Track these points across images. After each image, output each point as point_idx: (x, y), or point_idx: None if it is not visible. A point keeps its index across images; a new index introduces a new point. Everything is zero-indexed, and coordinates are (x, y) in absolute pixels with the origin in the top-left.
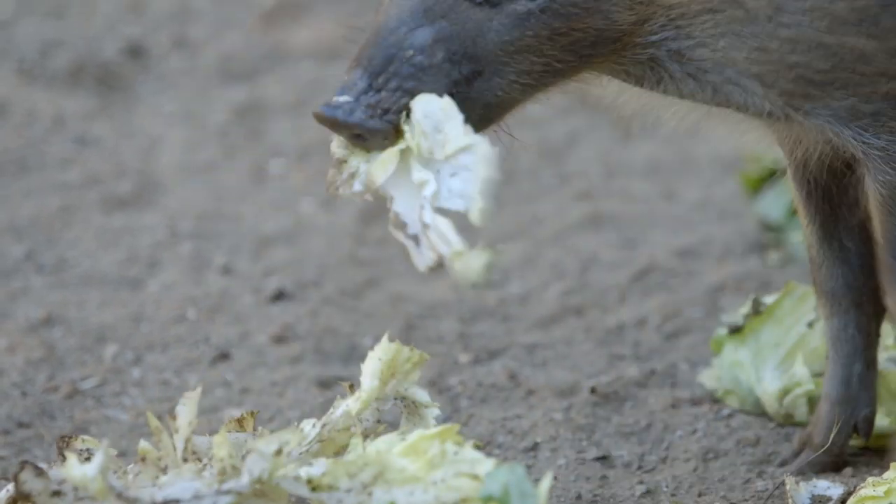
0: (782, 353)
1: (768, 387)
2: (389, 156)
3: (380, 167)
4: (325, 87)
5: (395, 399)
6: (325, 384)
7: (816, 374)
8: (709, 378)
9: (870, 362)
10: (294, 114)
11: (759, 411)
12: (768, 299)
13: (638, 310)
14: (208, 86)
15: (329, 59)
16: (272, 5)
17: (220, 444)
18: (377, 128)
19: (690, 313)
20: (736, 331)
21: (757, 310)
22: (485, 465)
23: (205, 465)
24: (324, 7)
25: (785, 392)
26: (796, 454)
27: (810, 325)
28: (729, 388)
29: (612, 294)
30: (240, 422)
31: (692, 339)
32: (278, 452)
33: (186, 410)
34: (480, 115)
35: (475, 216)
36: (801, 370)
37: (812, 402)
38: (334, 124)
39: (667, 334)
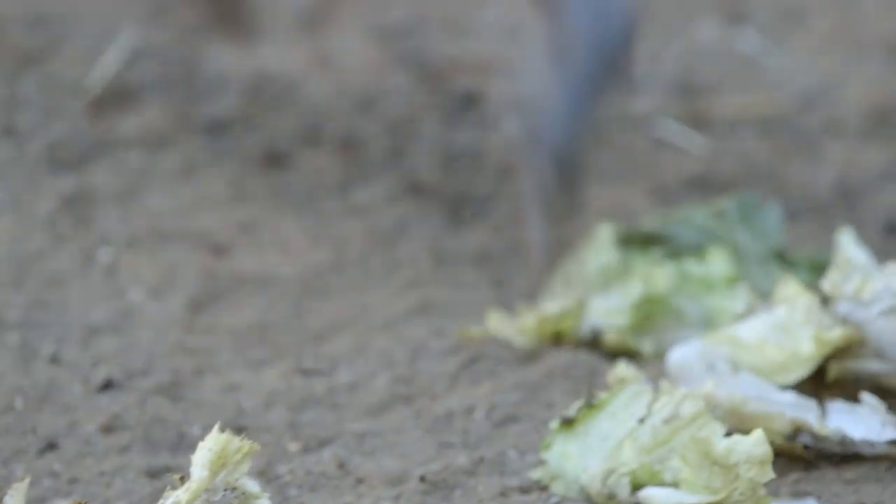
0: (610, 446)
1: (593, 469)
2: None
3: None
4: (153, 176)
5: (226, 489)
6: (154, 474)
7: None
8: (537, 472)
9: None
10: (123, 202)
11: (585, 498)
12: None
13: (467, 398)
14: (36, 174)
15: (158, 148)
16: (100, 93)
17: None
18: None
19: (519, 401)
20: (567, 423)
21: (590, 402)
22: None
23: None
24: (152, 96)
25: (609, 472)
26: None
27: (641, 420)
28: (555, 474)
29: (442, 382)
30: None
31: (521, 427)
32: None
33: (14, 501)
34: None
35: None
36: (626, 453)
37: (635, 482)
38: None
39: (496, 422)
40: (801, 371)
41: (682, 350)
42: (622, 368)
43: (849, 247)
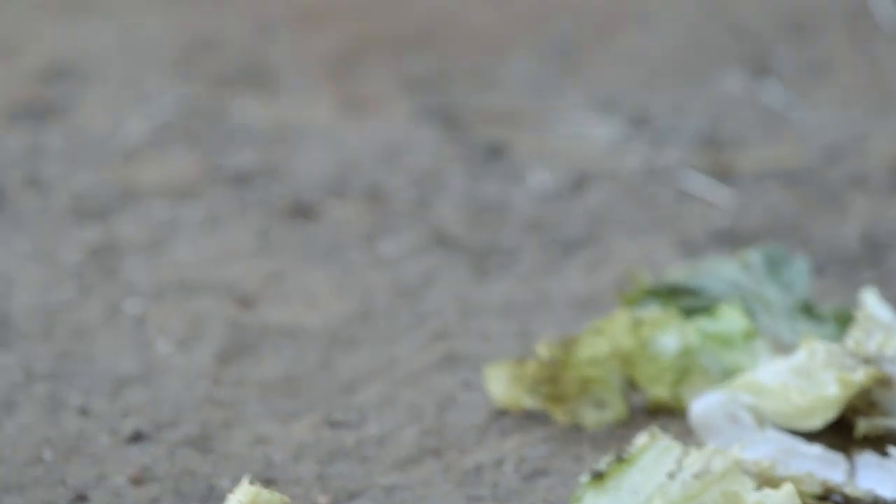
0: (640, 501)
1: None
2: None
3: None
4: (178, 227)
5: None
6: None
7: None
8: None
9: None
10: (148, 253)
11: None
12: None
13: (496, 451)
14: (62, 225)
15: (182, 198)
16: (126, 144)
17: None
18: None
19: (548, 454)
20: (598, 477)
21: (620, 457)
22: None
23: None
24: (176, 146)
25: None
26: None
27: (671, 475)
28: None
29: (470, 435)
30: None
31: (550, 480)
32: None
33: None
34: None
35: None
36: None
37: None
38: None
39: (525, 476)
40: (828, 414)
41: (705, 401)
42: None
43: (872, 304)
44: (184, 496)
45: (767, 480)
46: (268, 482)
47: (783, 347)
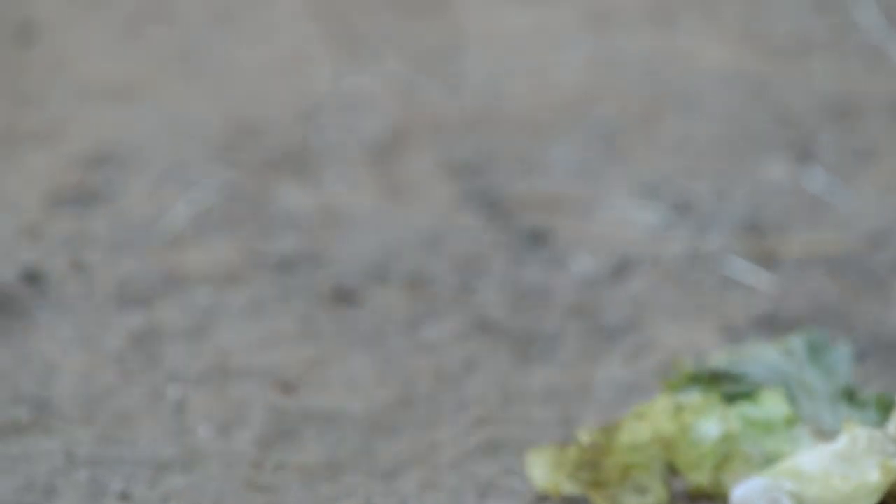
0: None
1: None
2: None
3: None
4: (221, 313)
5: None
6: None
7: None
8: None
9: None
10: (191, 339)
11: None
12: None
13: None
14: (105, 310)
15: (226, 284)
16: (170, 230)
17: None
18: None
19: None
20: None
21: None
22: None
23: None
24: (219, 232)
25: None
26: None
27: None
28: None
29: None
30: None
31: None
32: None
33: None
34: None
35: None
36: None
37: None
38: None
39: None
40: (869, 501)
41: (746, 487)
42: None
43: None
44: None
45: None
46: None
47: (825, 433)
